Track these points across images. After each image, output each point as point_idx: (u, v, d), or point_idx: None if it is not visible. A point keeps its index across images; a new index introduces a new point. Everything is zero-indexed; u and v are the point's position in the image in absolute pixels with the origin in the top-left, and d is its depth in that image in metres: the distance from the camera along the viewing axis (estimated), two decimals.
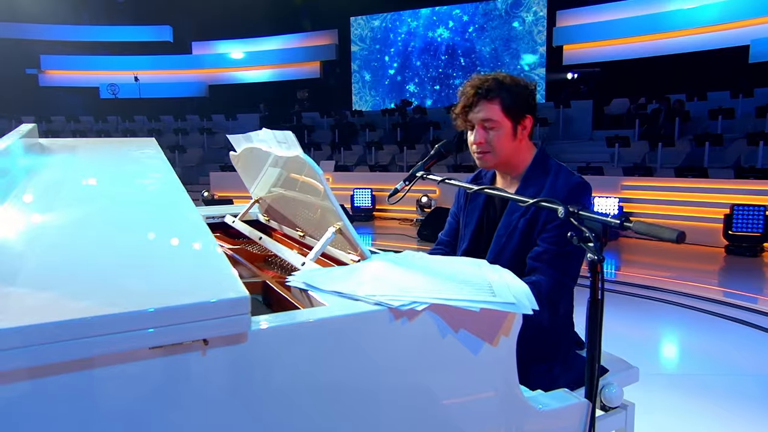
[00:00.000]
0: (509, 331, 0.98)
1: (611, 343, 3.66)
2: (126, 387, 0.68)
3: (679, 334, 4.19)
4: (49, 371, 0.63)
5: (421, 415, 0.90)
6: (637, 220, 1.00)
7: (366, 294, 0.90)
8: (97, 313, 0.61)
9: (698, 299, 4.76)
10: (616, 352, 3.59)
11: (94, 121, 15.73)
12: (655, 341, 3.96)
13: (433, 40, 15.51)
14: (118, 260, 0.78)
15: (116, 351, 0.63)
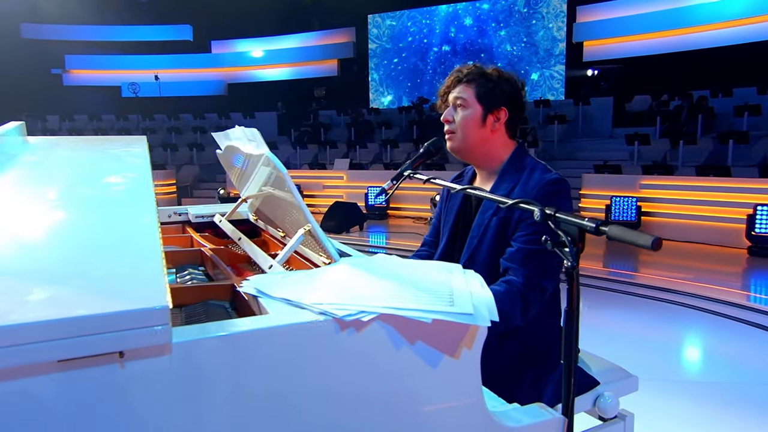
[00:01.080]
0: (472, 343, 0.92)
1: (626, 348, 3.59)
2: (30, 403, 0.64)
3: (699, 340, 4.04)
4: None
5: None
6: (612, 225, 0.93)
7: (315, 302, 0.84)
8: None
9: (719, 303, 4.59)
10: (631, 357, 3.48)
11: (116, 119, 15.99)
12: (673, 347, 3.81)
13: (451, 37, 15.37)
14: (40, 265, 0.74)
15: (10, 365, 0.59)
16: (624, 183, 7.56)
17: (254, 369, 0.77)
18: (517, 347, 1.63)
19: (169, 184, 12.07)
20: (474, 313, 0.83)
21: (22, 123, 1.98)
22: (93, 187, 1.23)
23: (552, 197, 1.59)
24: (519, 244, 1.55)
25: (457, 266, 1.12)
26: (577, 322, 1.02)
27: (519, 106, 1.73)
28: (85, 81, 17.63)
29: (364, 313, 0.81)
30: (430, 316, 0.82)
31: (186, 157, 13.57)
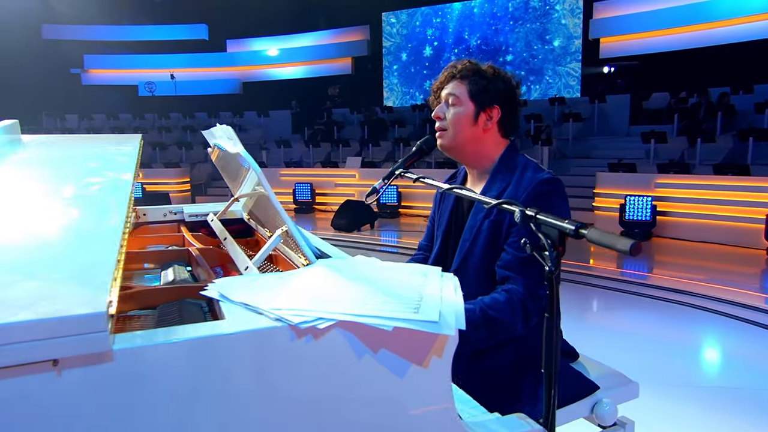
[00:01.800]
0: (442, 351, 0.87)
1: (637, 351, 3.50)
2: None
3: (714, 343, 3.91)
4: None
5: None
6: (592, 228, 0.88)
7: (273, 308, 0.81)
8: None
9: (736, 306, 4.46)
10: (642, 360, 3.39)
11: (133, 118, 16.17)
12: (686, 350, 3.69)
13: (465, 35, 15.25)
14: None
15: None
16: (639, 182, 7.42)
17: (203, 377, 0.73)
18: (516, 354, 1.58)
19: (184, 182, 12.17)
20: (439, 321, 0.79)
21: (15, 121, 1.98)
22: (68, 186, 1.21)
23: (545, 197, 1.54)
24: (514, 250, 1.51)
25: (435, 270, 1.08)
26: (558, 329, 0.97)
27: (513, 106, 1.68)
28: (103, 80, 17.86)
29: (322, 320, 0.78)
30: (390, 323, 0.77)
31: (200, 156, 13.66)
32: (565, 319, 4.72)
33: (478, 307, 1.44)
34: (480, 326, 1.42)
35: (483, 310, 1.44)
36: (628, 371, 3.20)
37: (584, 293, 5.06)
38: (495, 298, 1.48)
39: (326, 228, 8.77)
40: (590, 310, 4.77)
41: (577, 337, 3.98)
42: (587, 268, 5.86)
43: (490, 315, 1.44)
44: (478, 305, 1.45)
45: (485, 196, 1.22)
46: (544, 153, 9.43)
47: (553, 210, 1.56)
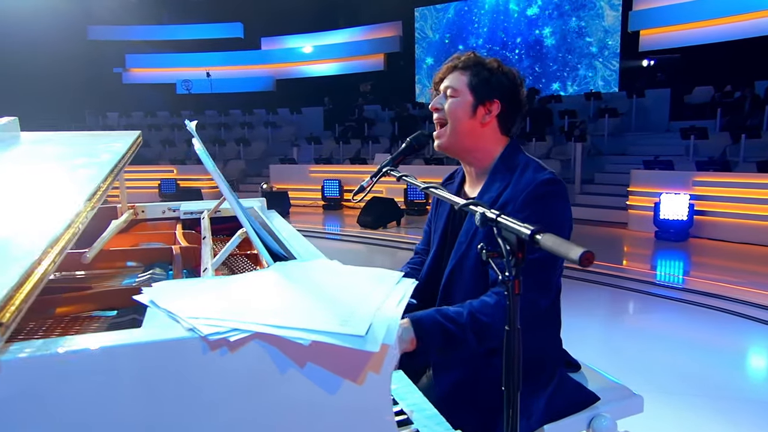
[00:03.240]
0: (379, 367, 0.80)
1: (667, 359, 3.30)
2: None
3: (751, 353, 3.66)
4: None
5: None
6: (548, 235, 0.79)
7: (190, 316, 0.76)
8: None
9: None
10: (673, 369, 3.19)
11: (170, 115, 16.56)
12: (723, 361, 3.43)
13: (498, 29, 14.96)
14: None
15: None
16: (675, 180, 7.09)
17: (102, 390, 0.68)
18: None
19: None
20: (366, 335, 0.72)
21: (15, 118, 2.00)
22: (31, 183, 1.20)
23: (544, 199, 1.45)
24: None
25: (392, 276, 1.00)
26: (518, 342, 0.88)
27: (514, 102, 1.59)
28: (142, 79, 18.36)
29: (236, 331, 0.72)
30: (309, 337, 0.71)
31: (233, 152, 13.88)
32: (595, 322, 4.49)
33: (466, 310, 1.36)
34: (467, 330, 1.34)
35: (471, 314, 1.36)
36: (657, 379, 3.03)
37: (617, 296, 4.84)
38: (484, 302, 1.39)
39: (353, 225, 8.75)
40: (621, 314, 4.56)
41: (605, 341, 3.80)
42: (620, 270, 5.62)
43: (478, 319, 1.36)
44: (466, 308, 1.37)
45: (457, 197, 1.14)
46: (578, 150, 9.14)
47: (553, 212, 1.47)
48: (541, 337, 1.55)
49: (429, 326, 1.32)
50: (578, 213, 8.70)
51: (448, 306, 1.53)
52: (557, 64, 14.04)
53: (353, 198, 1.65)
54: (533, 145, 9.89)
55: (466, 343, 1.35)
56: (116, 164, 1.49)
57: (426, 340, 1.29)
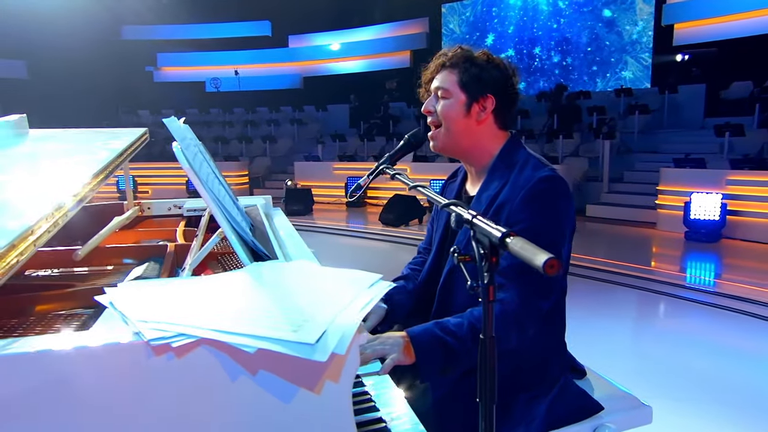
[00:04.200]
0: (338, 376, 0.76)
1: (697, 366, 3.16)
2: None
3: None
4: None
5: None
6: (517, 239, 0.73)
7: (139, 319, 0.73)
8: None
9: None
10: (699, 377, 3.05)
11: (199, 113, 16.84)
12: (754, 370, 3.23)
13: (527, 24, 14.69)
14: None
15: None
16: (707, 178, 6.83)
17: (41, 394, 0.66)
18: (509, 368, 1.43)
19: (242, 175, 12.52)
20: (316, 343, 0.68)
21: (23, 116, 2.03)
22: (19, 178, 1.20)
23: (543, 198, 1.39)
24: (507, 255, 1.36)
25: (368, 278, 0.96)
26: (492, 353, 0.83)
27: (509, 94, 1.53)
28: (173, 77, 18.72)
29: (182, 337, 0.69)
30: (255, 344, 0.67)
31: (260, 149, 14.02)
32: (622, 325, 4.29)
33: (466, 321, 1.31)
34: (467, 341, 1.29)
35: (471, 325, 1.31)
36: (683, 388, 2.89)
37: (644, 299, 4.66)
38: None
39: (375, 222, 8.73)
40: (649, 317, 4.39)
41: (631, 345, 3.65)
42: (648, 272, 5.43)
43: (478, 329, 1.30)
44: (466, 319, 1.32)
45: (440, 197, 1.09)
46: (606, 147, 8.90)
47: (552, 210, 1.40)
48: (543, 341, 1.49)
49: (427, 341, 1.27)
50: (605, 212, 8.48)
51: (447, 309, 1.48)
52: (587, 59, 13.71)
53: (349, 196, 1.61)
54: (560, 143, 9.68)
55: (467, 354, 1.30)
56: (110, 162, 1.49)
57: (425, 356, 1.25)
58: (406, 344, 1.28)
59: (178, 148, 1.04)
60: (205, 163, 1.40)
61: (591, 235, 7.77)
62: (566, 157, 9.66)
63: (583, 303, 4.47)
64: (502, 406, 1.43)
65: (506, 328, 1.33)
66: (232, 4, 17.78)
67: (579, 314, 4.16)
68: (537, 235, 1.36)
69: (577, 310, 4.27)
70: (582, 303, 4.47)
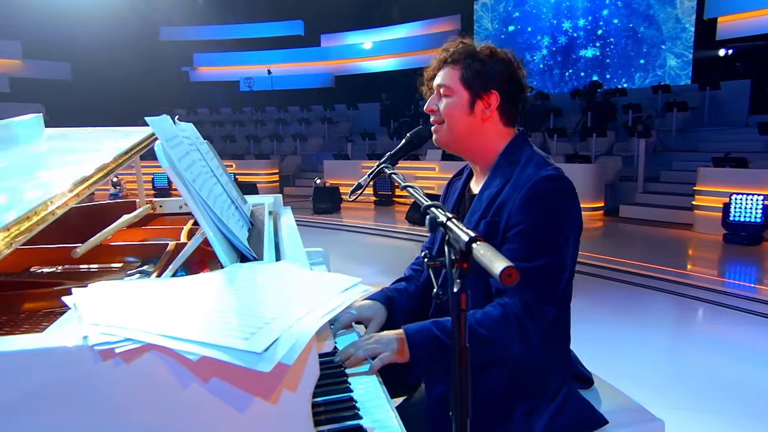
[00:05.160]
0: (296, 385, 0.73)
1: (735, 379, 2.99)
2: None
3: None
4: None
5: None
6: (483, 244, 0.69)
7: (92, 322, 0.71)
8: None
9: None
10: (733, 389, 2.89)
11: (232, 112, 17.13)
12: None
13: (561, 20, 14.36)
14: None
15: None
16: (749, 178, 6.52)
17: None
18: (508, 377, 1.38)
19: (273, 173, 12.67)
20: (261, 353, 0.65)
21: (39, 115, 2.07)
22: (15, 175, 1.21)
23: (545, 197, 1.32)
24: (512, 257, 1.31)
25: (344, 282, 0.92)
26: (466, 365, 0.78)
27: (514, 89, 1.47)
28: (208, 77, 19.10)
29: (128, 342, 0.67)
30: (200, 351, 0.65)
31: (290, 148, 14.15)
32: (654, 333, 4.07)
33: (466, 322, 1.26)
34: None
35: (472, 327, 1.26)
36: (720, 400, 2.74)
37: (680, 304, 4.46)
38: (488, 314, 1.29)
39: (403, 221, 8.69)
40: (684, 324, 4.20)
41: (664, 353, 3.47)
42: (684, 276, 5.21)
43: (480, 333, 1.26)
44: (467, 321, 1.27)
45: (424, 198, 1.04)
46: (641, 146, 8.61)
47: (554, 211, 1.33)
48: (546, 349, 1.42)
49: (422, 339, 1.25)
50: (640, 213, 8.21)
51: (446, 311, 1.43)
52: (624, 55, 13.30)
53: (349, 196, 1.57)
54: (593, 141, 9.42)
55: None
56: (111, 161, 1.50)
57: (418, 354, 1.23)
58: (401, 342, 1.24)
59: (159, 147, 1.03)
60: (198, 163, 1.39)
61: (624, 236, 7.54)
62: (599, 156, 9.40)
63: (615, 308, 4.32)
64: (501, 414, 1.38)
65: (508, 334, 1.28)
66: (266, 4, 18.01)
67: (609, 319, 4.02)
68: (536, 237, 1.30)
69: (608, 316, 4.12)
70: (614, 308, 4.32)
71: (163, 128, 1.16)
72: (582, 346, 3.40)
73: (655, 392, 2.77)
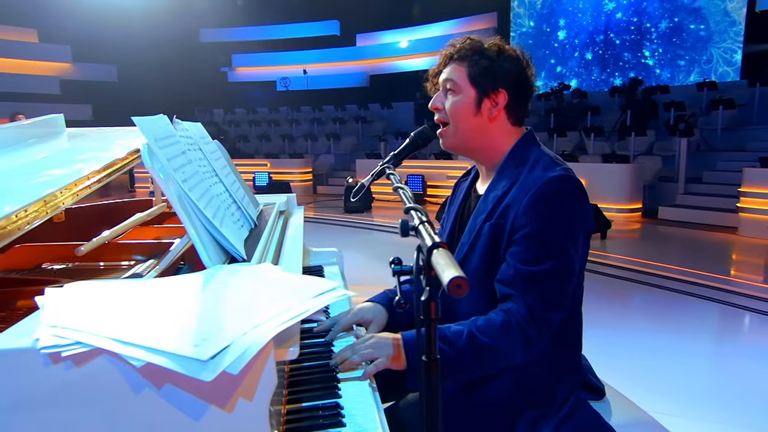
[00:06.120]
0: (251, 394, 0.71)
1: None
2: None
3: None
4: None
5: None
6: (441, 251, 0.64)
7: (49, 324, 0.71)
8: None
9: None
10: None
11: (268, 111, 17.39)
12: None
13: (601, 14, 13.95)
14: None
15: None
16: None
17: None
18: (513, 384, 1.33)
19: (306, 172, 12.79)
20: (206, 361, 0.63)
21: (60, 115, 2.13)
22: None
23: (551, 199, 1.27)
24: (516, 263, 1.27)
25: (321, 287, 0.90)
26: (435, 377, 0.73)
27: (523, 88, 1.42)
28: (246, 77, 19.46)
29: (77, 345, 0.66)
30: (145, 357, 0.63)
31: (324, 147, 14.25)
32: (695, 342, 3.85)
33: (466, 329, 1.22)
34: (466, 353, 1.20)
35: (472, 335, 1.21)
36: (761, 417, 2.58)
37: (724, 312, 4.24)
38: (490, 320, 1.24)
39: (434, 221, 8.61)
40: (727, 334, 3.99)
41: (707, 365, 3.28)
42: (727, 282, 4.95)
43: (480, 341, 1.21)
44: (467, 327, 1.23)
45: (408, 199, 1.00)
46: (682, 145, 8.27)
47: (560, 213, 1.27)
48: (554, 357, 1.36)
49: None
50: (680, 215, 7.89)
51: (450, 316, 1.39)
52: (667, 51, 12.82)
53: (352, 197, 1.54)
54: (632, 140, 9.11)
55: (466, 367, 1.22)
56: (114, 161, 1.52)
57: (414, 360, 1.19)
58: (398, 348, 1.21)
59: (144, 146, 1.02)
60: (196, 162, 1.39)
61: (663, 239, 7.26)
62: (638, 155, 9.08)
63: (652, 315, 4.15)
64: (505, 423, 1.33)
65: (510, 341, 1.23)
66: (302, 5, 18.21)
67: (645, 326, 3.87)
68: (543, 239, 1.25)
69: (644, 323, 3.97)
70: (650, 315, 4.15)
71: (153, 128, 1.16)
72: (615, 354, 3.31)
73: (690, 405, 2.67)
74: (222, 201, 1.44)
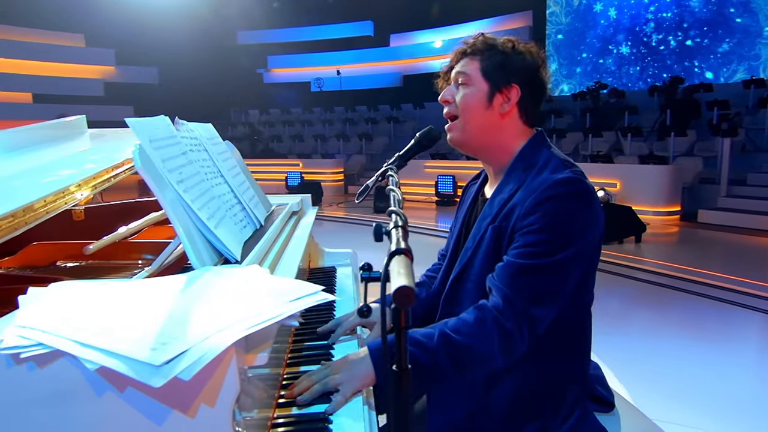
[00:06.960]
0: (214, 399, 0.69)
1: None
2: None
3: None
4: None
5: None
6: (400, 257, 0.62)
7: (18, 324, 0.72)
8: None
9: None
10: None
11: (302, 112, 17.59)
12: None
13: (641, 10, 13.52)
14: None
15: None
16: None
17: None
18: (512, 395, 1.28)
19: (338, 172, 12.87)
20: (159, 366, 0.62)
21: (82, 117, 2.19)
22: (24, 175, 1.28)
23: (555, 201, 1.21)
24: (508, 257, 1.22)
25: (300, 290, 0.88)
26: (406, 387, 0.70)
27: (536, 86, 1.37)
28: (281, 78, 19.73)
29: (38, 347, 0.66)
30: (99, 360, 0.63)
31: (356, 147, 14.31)
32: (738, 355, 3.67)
33: (437, 330, 1.17)
34: (438, 354, 1.14)
35: (443, 335, 1.15)
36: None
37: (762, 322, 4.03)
38: (462, 319, 1.19)
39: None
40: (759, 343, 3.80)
41: (747, 379, 3.13)
42: (764, 289, 4.71)
43: (452, 340, 1.15)
44: (438, 328, 1.18)
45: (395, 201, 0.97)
46: (725, 145, 7.93)
47: (564, 216, 1.22)
48: (558, 366, 1.30)
49: (383, 354, 1.13)
50: (722, 218, 7.57)
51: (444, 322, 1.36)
52: (711, 47, 12.32)
53: (357, 199, 1.52)
54: (671, 141, 8.79)
55: (439, 370, 1.15)
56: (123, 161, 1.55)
57: (383, 373, 1.10)
58: (366, 365, 1.11)
59: (136, 147, 1.03)
60: (198, 163, 1.39)
61: (703, 244, 6.97)
62: (678, 156, 8.76)
63: (690, 324, 3.98)
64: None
65: (487, 337, 1.16)
66: (336, 6, 18.34)
67: (683, 335, 3.71)
68: (538, 238, 1.19)
69: (681, 331, 3.81)
70: (688, 324, 3.98)
71: (149, 129, 1.17)
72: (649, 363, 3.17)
73: (733, 422, 2.55)
74: (224, 202, 1.44)
